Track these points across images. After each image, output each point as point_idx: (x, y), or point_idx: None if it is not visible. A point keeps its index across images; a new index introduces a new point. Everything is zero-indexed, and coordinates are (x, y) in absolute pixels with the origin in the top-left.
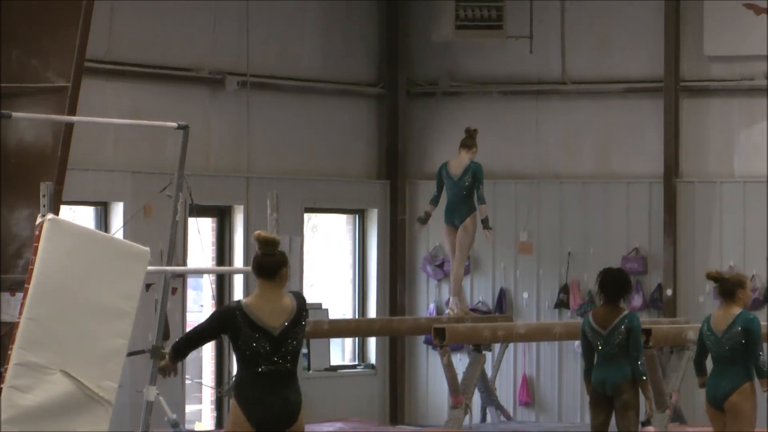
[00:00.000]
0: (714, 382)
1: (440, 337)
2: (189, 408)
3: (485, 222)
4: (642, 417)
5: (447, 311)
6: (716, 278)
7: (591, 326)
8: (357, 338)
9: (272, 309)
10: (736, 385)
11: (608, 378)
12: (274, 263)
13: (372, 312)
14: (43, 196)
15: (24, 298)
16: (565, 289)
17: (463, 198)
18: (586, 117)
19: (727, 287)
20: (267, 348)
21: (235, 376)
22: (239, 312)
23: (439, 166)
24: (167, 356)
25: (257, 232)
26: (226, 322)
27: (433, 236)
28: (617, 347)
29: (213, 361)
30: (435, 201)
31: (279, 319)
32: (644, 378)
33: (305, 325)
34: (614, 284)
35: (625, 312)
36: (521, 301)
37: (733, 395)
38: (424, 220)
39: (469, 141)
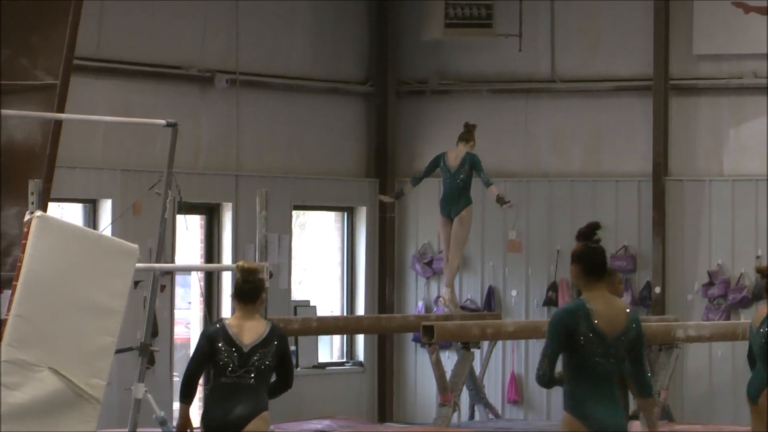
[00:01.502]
0: (752, 377)
1: (429, 334)
2: (177, 405)
3: (500, 199)
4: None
5: (438, 301)
6: (765, 273)
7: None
8: (345, 336)
9: (247, 328)
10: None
11: None
12: (253, 290)
13: (360, 309)
14: (32, 193)
15: (12, 295)
16: (553, 287)
17: (460, 190)
18: (576, 115)
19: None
20: (235, 361)
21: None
22: (220, 327)
23: (438, 154)
24: (181, 409)
25: (239, 262)
26: (210, 337)
27: (421, 234)
28: None
29: None
30: (415, 182)
31: (251, 337)
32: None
33: (275, 352)
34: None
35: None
36: (510, 299)
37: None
38: (398, 195)
39: (467, 135)
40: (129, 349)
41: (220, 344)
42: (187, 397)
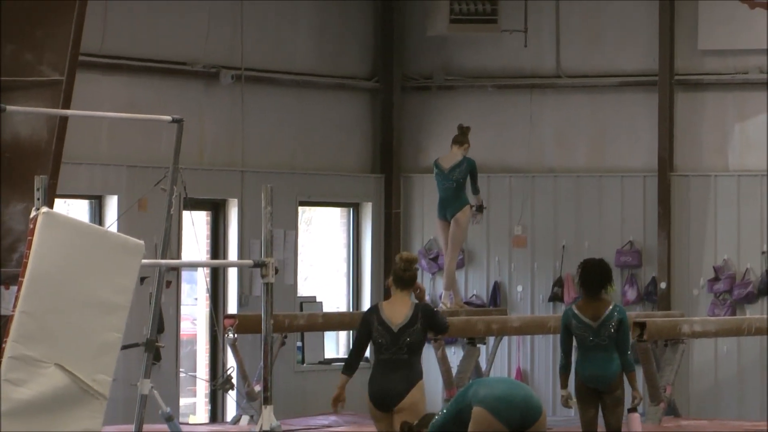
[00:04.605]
0: None
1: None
2: (183, 401)
3: (479, 207)
4: (628, 404)
5: (440, 305)
6: None
7: (579, 319)
8: (351, 331)
9: (397, 311)
10: None
11: (602, 373)
12: (411, 278)
13: (366, 305)
14: (38, 189)
15: (18, 291)
16: (559, 283)
17: (454, 192)
18: (581, 111)
19: None
20: (388, 340)
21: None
22: (375, 310)
23: (433, 163)
24: (341, 379)
25: (401, 253)
26: (366, 320)
27: (427, 230)
28: (607, 339)
29: (207, 355)
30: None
31: (399, 318)
32: (634, 370)
33: (421, 327)
34: (596, 276)
35: (613, 304)
36: (515, 294)
37: None
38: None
39: (460, 138)
40: (135, 345)
41: (375, 326)
42: (348, 370)
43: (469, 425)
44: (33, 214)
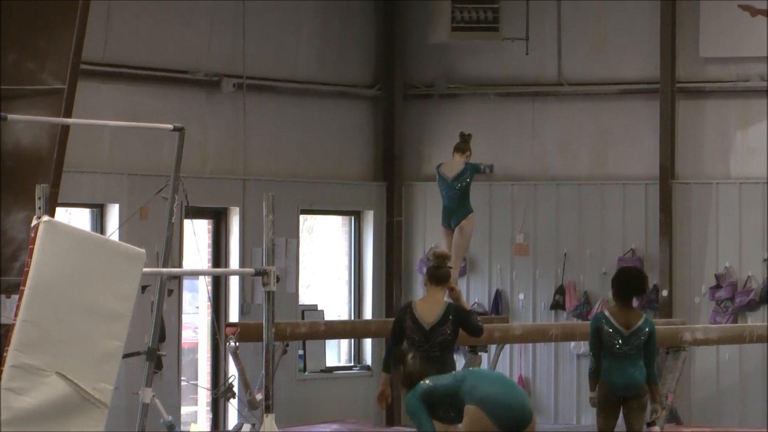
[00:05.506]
0: None
1: None
2: (185, 410)
3: (490, 167)
4: (647, 418)
5: None
6: None
7: (611, 324)
8: (353, 340)
9: (429, 309)
10: None
11: (632, 380)
12: (445, 274)
13: (368, 313)
14: (39, 198)
15: (20, 300)
16: (561, 291)
17: (458, 200)
18: (583, 118)
19: None
20: (420, 338)
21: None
22: (408, 308)
23: (435, 169)
24: (382, 377)
25: (435, 249)
26: (400, 317)
27: (429, 238)
28: (635, 348)
29: (209, 363)
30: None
31: (431, 317)
32: (657, 383)
33: (452, 327)
34: (630, 283)
35: (645, 315)
36: (517, 302)
37: None
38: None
39: (462, 145)
40: (136, 354)
41: (407, 324)
42: (388, 368)
43: (462, 422)
44: (34, 222)
